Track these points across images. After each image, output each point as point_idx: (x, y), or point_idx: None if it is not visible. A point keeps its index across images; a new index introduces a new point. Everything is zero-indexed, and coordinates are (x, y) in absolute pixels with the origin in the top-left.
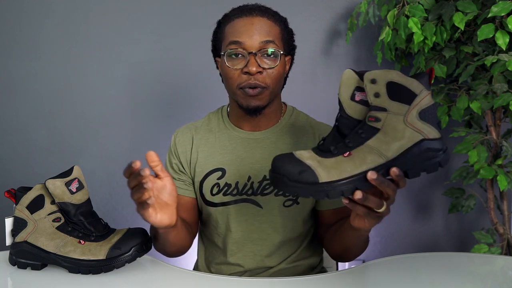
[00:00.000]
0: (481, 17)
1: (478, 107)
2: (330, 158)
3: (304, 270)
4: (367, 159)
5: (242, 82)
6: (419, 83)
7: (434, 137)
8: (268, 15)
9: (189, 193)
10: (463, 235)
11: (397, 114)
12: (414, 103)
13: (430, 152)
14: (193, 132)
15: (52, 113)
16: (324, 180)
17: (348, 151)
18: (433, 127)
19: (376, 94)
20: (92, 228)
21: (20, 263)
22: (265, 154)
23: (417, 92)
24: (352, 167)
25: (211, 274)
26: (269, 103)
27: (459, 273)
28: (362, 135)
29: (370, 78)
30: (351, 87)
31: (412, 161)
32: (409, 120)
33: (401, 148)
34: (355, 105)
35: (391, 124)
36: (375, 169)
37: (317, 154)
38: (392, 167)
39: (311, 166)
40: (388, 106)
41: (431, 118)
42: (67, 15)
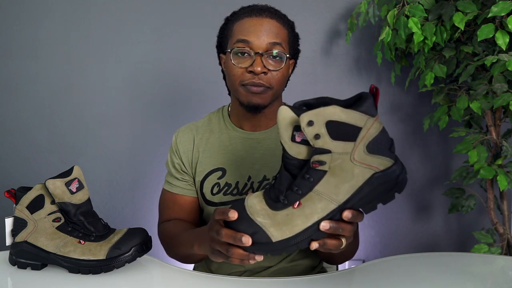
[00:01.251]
0: (481, 17)
1: (478, 107)
2: (281, 211)
3: (304, 269)
4: (317, 208)
5: (245, 80)
6: (362, 115)
7: (386, 167)
8: (277, 17)
9: (191, 193)
10: (463, 235)
11: (343, 153)
12: (360, 138)
13: (383, 185)
14: (194, 132)
15: (52, 113)
16: (277, 239)
17: (297, 200)
18: (384, 156)
19: (316, 136)
20: (92, 228)
21: (20, 263)
22: (265, 154)
23: (360, 125)
24: (303, 220)
25: (211, 274)
26: (270, 103)
27: (459, 273)
28: (310, 179)
29: (306, 120)
30: (289, 127)
31: (366, 198)
32: (356, 157)
33: (351, 188)
34: (297, 146)
35: (337, 165)
36: (327, 216)
37: (268, 205)
38: (344, 209)
39: (262, 227)
40: (332, 147)
41: (382, 146)
42: (67, 15)
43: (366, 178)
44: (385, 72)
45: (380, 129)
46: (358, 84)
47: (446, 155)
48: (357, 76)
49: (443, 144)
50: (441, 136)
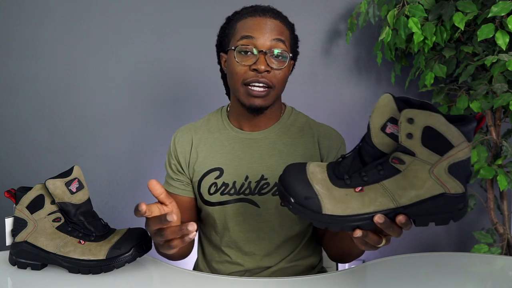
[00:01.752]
0: (481, 17)
1: (478, 107)
2: (341, 189)
3: (304, 269)
4: (377, 200)
5: (247, 78)
6: (461, 134)
7: (456, 192)
8: (280, 18)
9: (186, 193)
10: (463, 235)
11: (425, 162)
12: (448, 155)
13: (446, 207)
14: (192, 133)
15: (52, 113)
16: (327, 212)
17: (361, 186)
18: (459, 182)
19: (409, 135)
20: (92, 228)
21: (20, 263)
22: (263, 154)
23: (455, 144)
24: (359, 206)
25: (211, 274)
26: (271, 105)
27: (459, 273)
28: (381, 172)
29: (408, 116)
30: (385, 116)
31: (423, 212)
32: (436, 172)
33: (416, 197)
34: (383, 137)
35: (414, 170)
36: (382, 212)
37: (330, 178)
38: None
39: (318, 194)
40: (418, 152)
41: (462, 173)
42: (67, 15)
43: (434, 194)
44: (385, 72)
45: (468, 157)
46: (358, 84)
47: None
48: (357, 76)
49: None
50: None
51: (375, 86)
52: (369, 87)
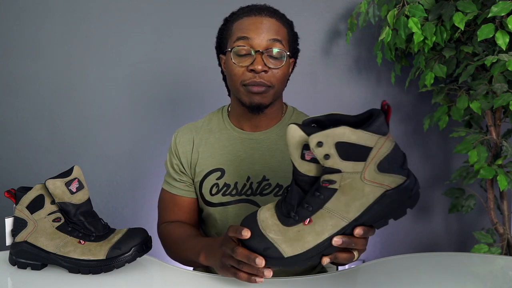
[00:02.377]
0: (481, 17)
1: (478, 107)
2: (293, 227)
3: (304, 270)
4: (328, 225)
5: (246, 79)
6: (372, 135)
7: (397, 184)
8: (276, 16)
9: (190, 194)
10: (463, 235)
11: (353, 173)
12: (370, 158)
13: (394, 201)
14: (193, 133)
15: (52, 113)
16: (289, 255)
17: (308, 217)
18: (395, 174)
19: (326, 156)
20: (92, 228)
21: (20, 263)
22: (264, 155)
23: (371, 145)
24: (314, 237)
25: (211, 274)
26: (271, 103)
27: (459, 273)
28: (320, 197)
29: (315, 141)
30: (298, 146)
31: (377, 215)
32: (367, 177)
33: (362, 206)
34: (307, 164)
35: (347, 184)
36: (338, 233)
37: (280, 221)
38: (355, 226)
39: (274, 243)
40: (342, 167)
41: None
42: (67, 15)
43: (376, 196)
44: (385, 72)
45: (392, 147)
46: (358, 84)
47: (446, 155)
48: (357, 76)
49: (443, 144)
50: (441, 136)
51: (375, 86)
52: (369, 87)
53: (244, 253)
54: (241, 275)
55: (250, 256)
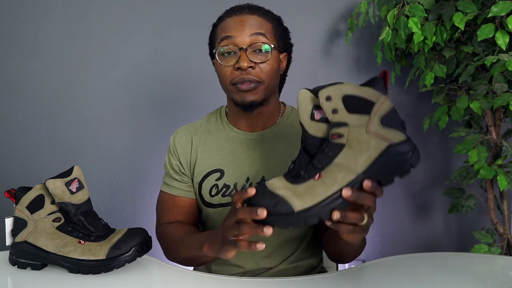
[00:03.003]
0: (481, 17)
1: (478, 107)
2: (302, 184)
3: (304, 270)
4: (337, 178)
5: (234, 78)
6: (375, 91)
7: (399, 140)
8: (258, 12)
9: (190, 195)
10: (463, 235)
11: (359, 126)
12: (374, 111)
13: (398, 156)
14: (192, 133)
15: (52, 113)
16: (299, 208)
17: (317, 172)
18: (397, 131)
19: (334, 111)
20: (92, 228)
21: (20, 263)
22: (263, 155)
23: (374, 100)
24: (324, 190)
25: (211, 274)
26: (264, 99)
27: (459, 273)
28: (329, 153)
29: (325, 96)
30: (308, 107)
31: (383, 169)
32: (372, 129)
33: (369, 159)
34: (315, 124)
35: (354, 138)
36: (347, 186)
37: (289, 181)
38: (364, 180)
39: (284, 197)
40: (349, 120)
41: (395, 122)
42: (67, 15)
43: (381, 149)
44: None
45: (392, 107)
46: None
47: (446, 155)
48: (357, 76)
49: (443, 144)
50: (441, 136)
51: None
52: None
53: (245, 210)
54: (242, 243)
55: (251, 210)
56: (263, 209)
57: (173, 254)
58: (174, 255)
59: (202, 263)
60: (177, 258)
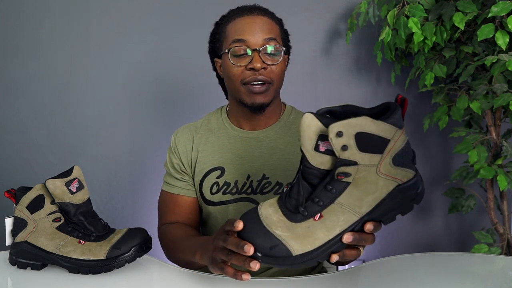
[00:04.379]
0: (481, 17)
1: (478, 107)
2: (301, 223)
3: (304, 270)
4: (339, 220)
5: (246, 78)
6: (391, 127)
7: (408, 179)
8: (267, 14)
9: (191, 194)
10: (463, 235)
11: (369, 166)
12: (387, 150)
13: (405, 197)
14: (193, 132)
15: (52, 113)
16: (298, 253)
17: (319, 212)
18: (407, 168)
19: (344, 148)
20: (92, 228)
21: (20, 263)
22: (264, 153)
23: (389, 137)
24: (325, 233)
25: (211, 274)
26: (272, 101)
27: (459, 273)
28: (332, 190)
29: (336, 131)
30: (313, 136)
31: (386, 210)
32: (382, 170)
33: (375, 200)
34: (320, 156)
35: (362, 177)
36: (348, 229)
37: (286, 216)
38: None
39: (282, 240)
40: (359, 159)
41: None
42: (67, 15)
43: (389, 190)
44: (385, 72)
45: (406, 141)
46: (358, 84)
47: (446, 155)
48: (357, 76)
49: (443, 144)
50: (441, 136)
51: (375, 86)
52: (369, 87)
53: (234, 241)
54: (228, 270)
55: (239, 243)
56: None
57: (171, 255)
58: (172, 257)
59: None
60: (175, 260)
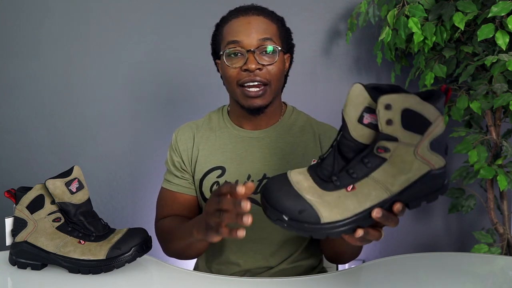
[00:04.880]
0: (481, 17)
1: (478, 107)
2: (332, 192)
3: (304, 270)
4: (371, 194)
5: (241, 79)
6: (436, 109)
7: (440, 166)
8: (264, 14)
9: (190, 192)
10: (463, 235)
11: (408, 145)
12: (427, 133)
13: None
14: (194, 131)
15: (52, 113)
16: (326, 220)
17: (352, 183)
18: (440, 156)
19: (389, 121)
20: (92, 228)
21: (20, 263)
22: (265, 153)
23: (432, 120)
24: (355, 205)
25: (211, 274)
26: (270, 102)
27: (459, 273)
28: (368, 165)
29: (385, 103)
30: (360, 107)
31: (415, 194)
32: (420, 152)
33: (407, 181)
34: (362, 128)
35: (399, 155)
36: (378, 205)
37: (317, 184)
38: (395, 201)
39: (312, 205)
40: (401, 136)
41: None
42: (67, 15)
43: (422, 173)
44: (385, 72)
45: (443, 129)
46: None
47: None
48: (357, 76)
49: None
50: None
51: None
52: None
53: (229, 201)
54: (223, 230)
55: (235, 201)
56: (247, 202)
57: (168, 246)
58: (169, 247)
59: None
60: (173, 251)
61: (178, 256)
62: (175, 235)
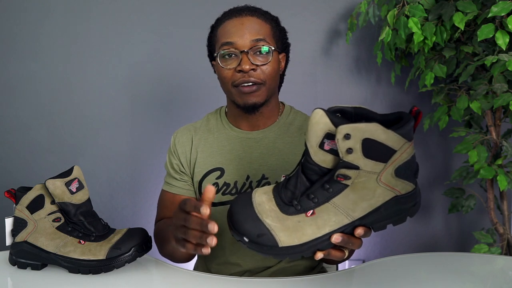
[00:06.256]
0: (481, 17)
1: (478, 107)
2: (292, 216)
3: (304, 269)
4: (331, 220)
5: (236, 80)
6: (400, 138)
7: (407, 191)
8: (257, 14)
9: (190, 194)
10: (463, 235)
11: (370, 172)
12: (391, 160)
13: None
14: (192, 133)
15: (52, 113)
16: (284, 245)
17: (312, 208)
18: (408, 181)
19: (349, 150)
20: (92, 228)
21: (20, 263)
22: (263, 154)
23: (396, 148)
24: (314, 230)
25: (211, 274)
26: (266, 101)
27: (459, 273)
28: (329, 190)
29: (344, 133)
30: (320, 133)
31: (379, 218)
32: (383, 179)
33: (369, 207)
34: (323, 154)
35: (361, 182)
36: (338, 230)
37: (279, 206)
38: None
39: (270, 230)
40: (362, 165)
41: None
42: (67, 15)
43: (386, 199)
44: (385, 72)
45: (412, 154)
46: (358, 84)
47: (446, 155)
48: (357, 76)
49: (443, 144)
50: (441, 136)
51: (375, 86)
52: (369, 87)
53: (196, 220)
54: (189, 246)
55: (202, 222)
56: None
57: (161, 248)
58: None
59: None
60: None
61: (171, 258)
62: (163, 238)
